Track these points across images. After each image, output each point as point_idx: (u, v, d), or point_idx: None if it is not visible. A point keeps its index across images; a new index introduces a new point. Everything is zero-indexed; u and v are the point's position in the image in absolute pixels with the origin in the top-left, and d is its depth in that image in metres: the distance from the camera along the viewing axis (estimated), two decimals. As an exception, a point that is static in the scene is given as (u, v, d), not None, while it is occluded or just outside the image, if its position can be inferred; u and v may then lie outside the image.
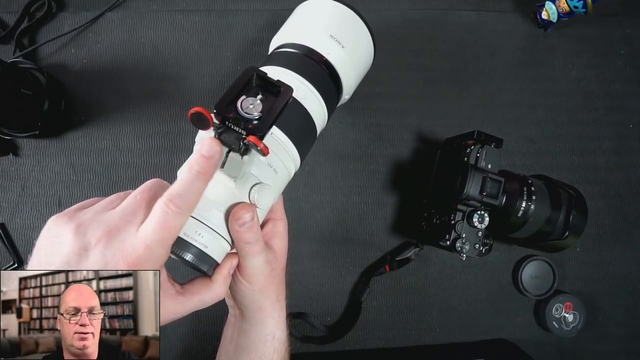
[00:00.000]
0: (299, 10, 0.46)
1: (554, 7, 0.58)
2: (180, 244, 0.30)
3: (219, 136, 0.30)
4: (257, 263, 0.34)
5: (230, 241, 0.33)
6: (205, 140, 0.29)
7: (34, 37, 0.57)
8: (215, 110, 0.29)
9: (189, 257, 0.31)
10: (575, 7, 0.56)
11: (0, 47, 0.56)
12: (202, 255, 0.31)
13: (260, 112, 0.29)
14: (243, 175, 0.32)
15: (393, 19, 0.60)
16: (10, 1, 0.57)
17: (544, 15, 0.59)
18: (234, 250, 0.35)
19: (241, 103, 0.29)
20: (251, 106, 0.29)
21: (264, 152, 0.28)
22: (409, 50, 0.60)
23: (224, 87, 0.57)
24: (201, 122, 0.28)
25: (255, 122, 0.29)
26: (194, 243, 0.31)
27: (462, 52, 0.61)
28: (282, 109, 0.29)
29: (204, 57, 0.58)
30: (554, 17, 0.58)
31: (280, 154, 0.36)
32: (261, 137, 0.28)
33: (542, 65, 0.61)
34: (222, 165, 0.30)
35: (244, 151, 0.30)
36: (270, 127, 0.29)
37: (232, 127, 0.28)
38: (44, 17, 0.57)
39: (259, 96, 0.30)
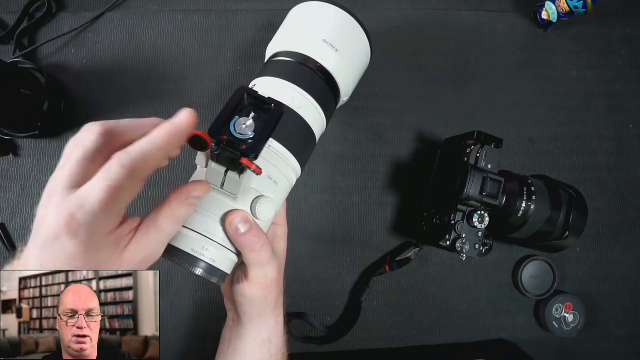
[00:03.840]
0: (291, 16, 0.46)
1: (554, 7, 0.58)
2: (190, 260, 0.32)
3: (216, 158, 0.30)
4: (268, 271, 0.35)
5: (237, 252, 0.34)
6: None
7: (34, 37, 0.57)
8: (209, 135, 0.29)
9: (199, 271, 0.32)
10: (575, 7, 0.56)
11: (0, 47, 0.56)
12: (210, 269, 0.33)
13: (254, 131, 0.29)
14: (243, 191, 0.33)
15: (393, 19, 0.60)
16: (10, 1, 0.57)
17: (544, 15, 0.59)
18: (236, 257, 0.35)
19: (234, 124, 0.29)
20: (244, 126, 0.29)
21: (257, 172, 0.29)
22: (409, 50, 0.60)
23: (224, 87, 0.57)
24: (200, 145, 0.29)
25: (249, 141, 0.29)
26: (202, 258, 0.32)
27: (462, 52, 0.61)
28: (274, 127, 0.30)
29: (204, 58, 0.58)
30: (554, 17, 0.58)
31: (280, 166, 0.36)
32: (255, 157, 0.29)
33: (542, 65, 0.61)
34: (222, 185, 0.32)
35: (241, 170, 0.31)
36: (263, 146, 0.29)
37: (227, 149, 0.29)
38: (44, 17, 0.57)
39: (252, 114, 0.30)
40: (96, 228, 0.25)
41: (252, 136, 0.29)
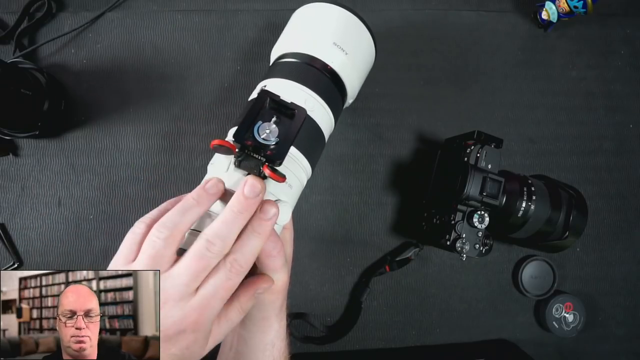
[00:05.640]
0: (298, 17, 0.45)
1: (554, 7, 0.58)
2: None
3: (239, 163, 0.30)
4: (279, 277, 0.35)
5: None
6: (248, 180, 0.30)
7: (34, 37, 0.57)
8: (234, 140, 0.29)
9: None
10: (575, 7, 0.56)
11: (0, 47, 0.56)
12: None
13: (277, 136, 0.29)
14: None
15: (393, 19, 0.60)
16: (10, 1, 0.57)
17: (544, 15, 0.59)
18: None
19: (258, 129, 0.30)
20: (268, 131, 0.30)
21: (280, 181, 0.30)
22: (409, 50, 0.60)
23: (224, 87, 0.57)
24: (224, 151, 0.30)
25: (273, 147, 0.29)
26: None
27: (462, 52, 0.61)
28: (297, 133, 0.30)
29: (204, 57, 0.58)
30: (554, 17, 0.58)
31: (294, 169, 0.36)
32: (280, 163, 0.29)
33: (542, 65, 0.61)
34: None
35: (264, 175, 0.31)
36: (287, 152, 0.30)
37: (252, 155, 0.29)
38: (44, 17, 0.57)
39: (274, 119, 0.30)
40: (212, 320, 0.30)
41: (275, 142, 0.29)
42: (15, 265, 0.54)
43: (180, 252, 0.30)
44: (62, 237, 0.55)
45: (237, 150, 0.30)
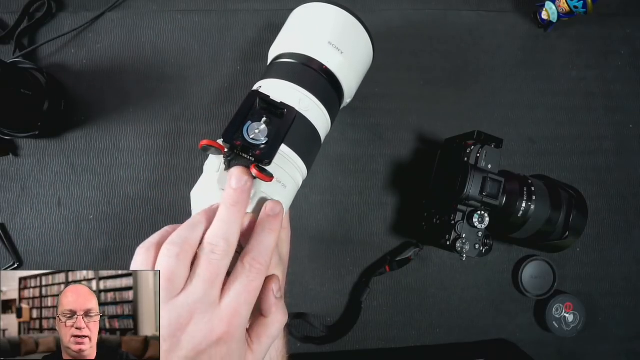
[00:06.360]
0: (295, 17, 0.45)
1: (554, 7, 0.58)
2: None
3: (228, 164, 0.31)
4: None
5: None
6: (232, 172, 0.30)
7: (34, 37, 0.57)
8: (223, 140, 0.29)
9: None
10: (575, 7, 0.56)
11: (0, 47, 0.56)
12: None
13: (267, 136, 0.29)
14: (254, 195, 0.33)
15: (393, 19, 0.60)
16: (10, 1, 0.57)
17: (544, 15, 0.59)
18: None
19: (247, 129, 0.30)
20: (257, 131, 0.30)
21: (268, 181, 0.30)
22: (409, 50, 0.60)
23: (224, 87, 0.57)
24: (214, 151, 0.30)
25: (262, 146, 0.29)
26: None
27: (462, 52, 0.61)
28: (287, 132, 0.30)
29: (204, 57, 0.58)
30: (554, 17, 0.58)
31: (288, 169, 0.36)
32: (269, 163, 0.29)
33: (542, 65, 0.61)
34: None
35: (253, 177, 0.31)
36: (276, 151, 0.30)
37: (241, 154, 0.29)
38: (44, 17, 0.57)
39: (264, 119, 0.30)
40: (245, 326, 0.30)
41: (265, 141, 0.29)
42: (15, 265, 0.54)
43: None
44: (62, 237, 0.55)
45: (226, 150, 0.30)
